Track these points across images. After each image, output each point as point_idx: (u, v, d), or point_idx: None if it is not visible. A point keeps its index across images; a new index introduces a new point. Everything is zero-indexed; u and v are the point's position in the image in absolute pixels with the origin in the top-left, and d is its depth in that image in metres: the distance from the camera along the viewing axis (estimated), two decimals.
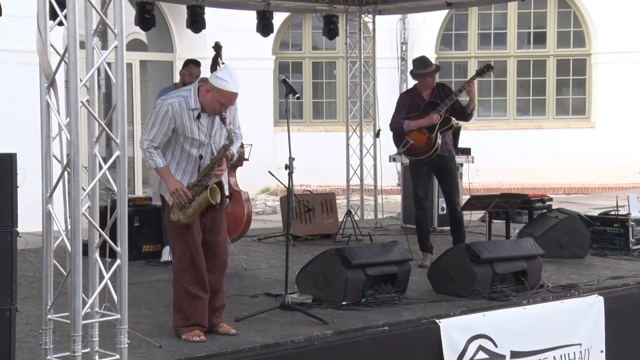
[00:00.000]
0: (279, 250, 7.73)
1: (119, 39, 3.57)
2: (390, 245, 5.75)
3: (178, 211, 4.45)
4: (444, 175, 7.00)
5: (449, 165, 6.97)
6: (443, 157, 6.92)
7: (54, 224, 3.65)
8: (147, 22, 8.41)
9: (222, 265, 4.63)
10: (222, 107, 4.42)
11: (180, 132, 4.43)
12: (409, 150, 6.92)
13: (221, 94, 4.38)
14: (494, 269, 5.67)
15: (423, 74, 6.85)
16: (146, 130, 4.47)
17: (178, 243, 4.53)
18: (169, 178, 4.45)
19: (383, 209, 10.31)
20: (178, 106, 4.41)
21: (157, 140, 4.43)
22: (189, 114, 4.42)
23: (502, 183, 14.00)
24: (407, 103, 6.96)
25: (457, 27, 14.82)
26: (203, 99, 4.43)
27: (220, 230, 4.63)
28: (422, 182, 6.96)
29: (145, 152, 4.46)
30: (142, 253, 7.21)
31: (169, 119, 4.40)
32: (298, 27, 14.64)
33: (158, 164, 4.43)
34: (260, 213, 12.26)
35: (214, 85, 4.39)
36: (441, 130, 6.86)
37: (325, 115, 14.85)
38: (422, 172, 6.96)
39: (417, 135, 6.88)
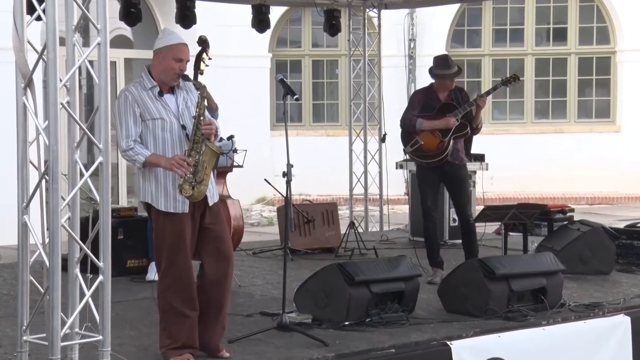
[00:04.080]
0: (276, 266, 7.72)
1: (102, 35, 3.58)
2: (397, 260, 5.75)
3: (188, 185, 4.40)
4: (454, 185, 7.01)
5: (460, 174, 6.98)
6: (453, 165, 6.93)
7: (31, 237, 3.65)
8: (133, 17, 8.43)
9: (229, 277, 4.60)
10: (181, 64, 4.51)
11: (147, 116, 4.47)
12: (417, 151, 6.93)
13: (171, 50, 4.50)
14: (511, 286, 5.66)
15: (443, 75, 6.87)
16: (118, 133, 4.48)
17: (164, 254, 4.50)
18: (159, 159, 4.44)
19: (389, 221, 10.31)
20: (134, 89, 4.50)
21: (132, 133, 4.44)
22: (149, 94, 4.50)
23: (519, 192, 14.00)
24: (421, 101, 6.98)
25: (470, 23, 14.85)
26: (157, 72, 4.53)
27: (224, 238, 4.60)
28: (430, 191, 6.96)
29: (127, 153, 4.45)
30: (127, 268, 7.20)
31: (131, 104, 4.45)
32: (297, 23, 14.67)
33: (145, 155, 4.42)
34: (256, 224, 12.26)
35: (159, 49, 4.52)
36: (455, 135, 6.88)
37: (326, 118, 14.86)
38: (430, 179, 6.97)
39: (428, 137, 6.90)
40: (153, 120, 4.47)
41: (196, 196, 4.43)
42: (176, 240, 4.47)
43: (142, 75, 4.57)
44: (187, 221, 4.50)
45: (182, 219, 4.48)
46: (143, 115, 4.46)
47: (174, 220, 4.47)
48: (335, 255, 8.18)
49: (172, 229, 4.47)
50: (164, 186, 4.48)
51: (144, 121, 4.46)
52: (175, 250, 4.46)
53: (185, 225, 4.49)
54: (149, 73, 4.56)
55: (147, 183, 4.51)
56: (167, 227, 4.48)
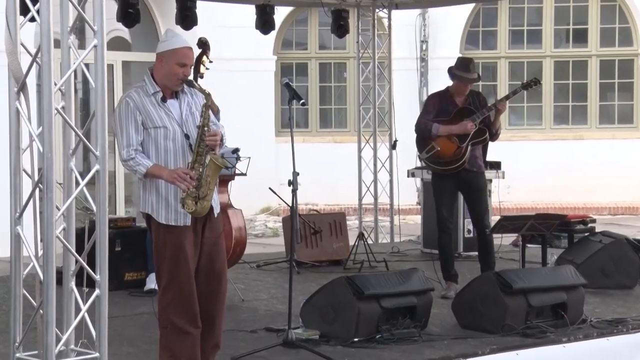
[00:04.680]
0: (281, 279, 7.72)
1: (99, 37, 3.59)
2: (408, 273, 5.74)
3: (191, 201, 4.40)
4: (471, 193, 7.00)
5: (478, 181, 6.98)
6: (471, 172, 6.92)
7: (24, 249, 3.65)
8: (131, 18, 8.46)
9: (222, 293, 4.61)
10: (184, 69, 4.50)
11: (149, 124, 4.46)
12: (433, 157, 6.93)
13: (174, 54, 4.49)
14: (529, 300, 5.65)
15: (460, 77, 6.86)
16: (118, 142, 4.48)
17: (165, 268, 4.50)
18: (161, 171, 4.43)
19: (400, 232, 10.29)
20: (136, 94, 4.49)
21: (134, 142, 4.43)
22: (151, 100, 4.49)
23: (537, 202, 13.97)
24: (436, 106, 6.99)
25: (485, 23, 14.85)
26: (160, 76, 4.52)
27: (218, 255, 4.61)
28: (446, 200, 6.95)
29: (128, 163, 4.45)
30: (125, 282, 7.21)
31: (132, 112, 4.44)
32: (303, 24, 14.70)
33: (147, 166, 4.41)
34: (260, 236, 12.26)
35: (162, 52, 4.51)
36: (473, 141, 6.88)
37: (334, 123, 14.87)
38: (446, 187, 6.96)
39: (445, 143, 6.90)
40: (155, 129, 4.47)
41: (199, 212, 4.44)
42: (177, 253, 4.47)
43: (145, 79, 4.56)
44: (189, 234, 4.50)
45: (183, 232, 4.48)
46: (145, 123, 4.46)
47: (175, 233, 4.47)
48: (344, 268, 8.17)
49: (173, 242, 4.47)
50: (165, 197, 4.48)
51: (146, 129, 4.46)
52: (177, 264, 4.47)
53: (186, 238, 4.48)
54: (152, 77, 4.55)
55: (147, 194, 4.51)
56: (168, 240, 4.48)
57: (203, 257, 4.55)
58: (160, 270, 4.55)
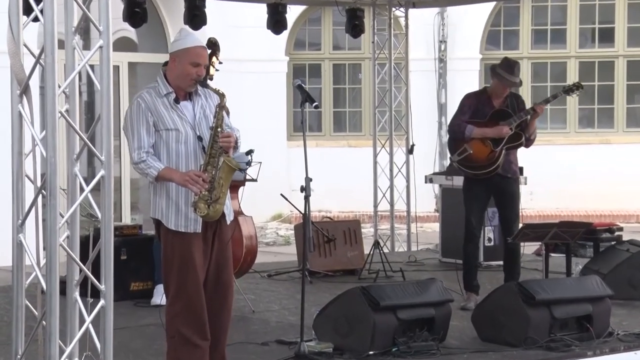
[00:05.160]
0: (294, 289, 7.73)
1: (105, 38, 3.61)
2: (426, 284, 5.74)
3: (203, 204, 4.42)
4: (503, 200, 6.99)
5: (512, 188, 6.97)
6: (506, 178, 6.91)
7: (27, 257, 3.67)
8: (138, 18, 8.49)
9: (227, 307, 4.62)
10: (198, 70, 4.52)
11: (161, 126, 4.49)
12: (465, 160, 6.92)
13: (187, 53, 4.51)
14: (552, 312, 5.63)
15: (501, 77, 6.82)
16: (130, 144, 4.51)
17: (173, 278, 4.51)
18: (173, 174, 4.45)
19: (417, 240, 10.28)
20: (148, 95, 4.52)
21: (145, 144, 4.46)
22: (163, 102, 4.52)
23: (561, 209, 13.93)
24: (472, 107, 6.97)
25: (507, 23, 14.83)
26: (173, 77, 4.55)
27: (226, 265, 4.62)
28: (476, 206, 6.95)
29: (139, 165, 4.48)
30: (131, 292, 7.23)
31: (144, 113, 4.48)
32: (316, 23, 14.72)
33: (158, 169, 4.44)
34: (271, 244, 12.27)
35: (175, 51, 4.54)
36: (508, 146, 6.86)
37: (349, 127, 14.88)
38: (477, 193, 6.95)
39: (478, 146, 6.88)
40: (167, 131, 4.49)
41: (212, 215, 4.45)
42: (186, 261, 4.48)
43: (158, 79, 4.60)
44: (198, 242, 4.51)
45: (192, 239, 4.49)
46: (157, 124, 4.49)
47: (184, 240, 4.48)
48: (359, 278, 8.17)
49: (182, 249, 4.48)
50: (176, 202, 4.50)
51: (158, 131, 4.49)
52: (185, 273, 4.47)
53: (195, 246, 4.50)
54: (164, 77, 4.58)
55: (157, 198, 4.53)
56: (177, 247, 4.49)
57: (211, 267, 4.56)
58: (168, 279, 4.56)
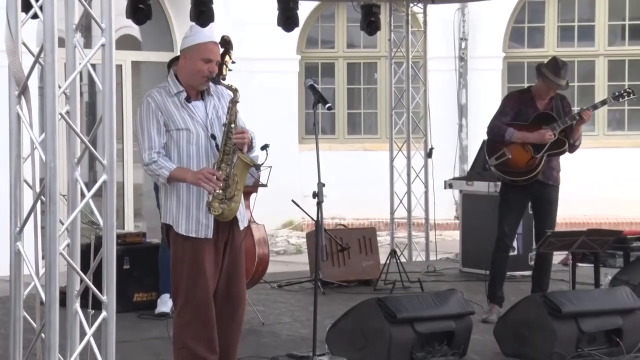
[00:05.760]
0: (305, 300, 7.74)
1: (107, 35, 3.62)
2: (446, 295, 5.74)
3: (217, 203, 4.44)
4: (541, 206, 6.99)
5: (552, 195, 6.96)
6: (546, 185, 6.91)
7: (25, 267, 3.68)
8: (142, 14, 8.52)
9: (238, 320, 4.63)
10: (210, 66, 4.57)
11: (172, 126, 4.53)
12: (503, 165, 6.90)
13: (198, 50, 4.57)
14: (580, 326, 5.62)
15: (550, 81, 6.77)
16: (140, 144, 4.54)
17: (182, 285, 4.53)
18: (185, 174, 4.48)
19: (436, 249, 10.28)
20: (158, 95, 4.57)
21: (156, 144, 4.51)
22: (174, 101, 4.56)
23: (589, 216, 13.88)
24: (514, 107, 6.93)
25: (531, 19, 14.80)
26: (184, 75, 4.60)
27: (237, 275, 4.63)
28: (512, 215, 6.94)
29: (150, 167, 4.50)
30: (134, 303, 7.25)
31: (154, 112, 4.53)
32: (329, 20, 14.74)
33: (170, 169, 4.47)
34: (282, 253, 12.28)
35: (186, 48, 4.60)
36: (550, 152, 6.84)
37: (364, 129, 14.88)
38: (513, 200, 6.94)
39: (518, 151, 6.86)
40: (178, 131, 4.53)
41: (226, 215, 4.46)
42: (196, 268, 4.49)
43: (168, 78, 4.65)
44: (210, 249, 4.52)
45: (203, 246, 4.50)
46: (167, 124, 4.54)
47: (195, 246, 4.49)
48: (374, 289, 8.19)
49: (192, 256, 4.49)
50: (187, 206, 4.51)
51: (168, 131, 4.54)
52: (195, 281, 4.48)
53: (206, 253, 4.51)
54: (175, 77, 4.62)
55: (168, 202, 4.56)
56: (187, 254, 4.50)
57: (222, 277, 4.57)
58: (177, 287, 4.57)
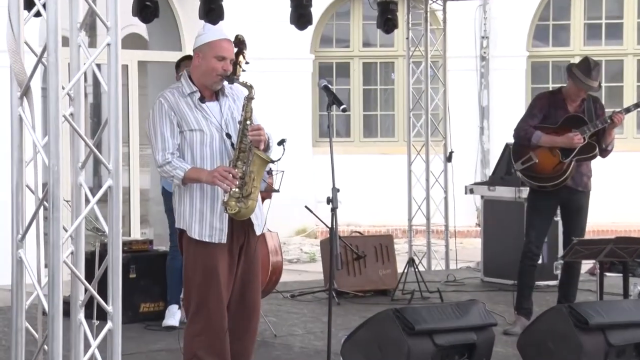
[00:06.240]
0: (319, 311, 7.72)
1: (113, 34, 3.63)
2: (466, 306, 5.72)
3: (234, 202, 4.46)
4: (570, 213, 6.98)
5: (581, 201, 6.94)
6: (576, 191, 6.88)
7: (27, 275, 3.69)
8: (149, 12, 8.54)
9: (251, 331, 4.63)
10: (224, 64, 4.61)
11: (185, 126, 4.57)
12: (529, 170, 6.88)
13: (212, 47, 4.61)
14: (608, 338, 5.60)
15: (580, 82, 6.72)
16: (153, 146, 4.57)
17: (194, 292, 4.54)
18: (200, 173, 4.52)
19: (457, 257, 10.25)
20: (171, 95, 4.62)
21: (169, 145, 4.55)
22: (187, 101, 4.61)
23: (617, 223, 13.82)
24: (543, 109, 6.89)
25: (556, 16, 14.77)
26: (198, 74, 4.64)
27: (252, 283, 4.63)
28: (539, 222, 6.92)
29: (164, 168, 4.53)
30: (140, 314, 7.26)
31: (167, 113, 4.57)
32: (344, 18, 14.74)
33: (184, 169, 4.50)
34: (295, 261, 12.27)
35: (199, 47, 4.64)
36: (579, 157, 6.80)
37: (380, 132, 14.87)
38: (541, 206, 6.92)
39: (545, 155, 6.83)
40: (191, 132, 4.57)
41: (243, 213, 4.48)
42: (209, 275, 4.50)
43: (182, 79, 4.70)
44: (224, 255, 4.53)
45: (217, 251, 4.51)
46: (180, 125, 4.57)
47: (209, 251, 4.50)
48: (391, 299, 8.18)
49: (205, 261, 4.50)
50: (200, 210, 4.53)
51: (182, 132, 4.58)
52: (207, 287, 4.49)
53: (220, 259, 4.51)
54: (189, 78, 4.66)
55: (181, 205, 4.59)
56: (200, 259, 4.51)
57: (236, 285, 4.58)
58: (189, 295, 4.59)
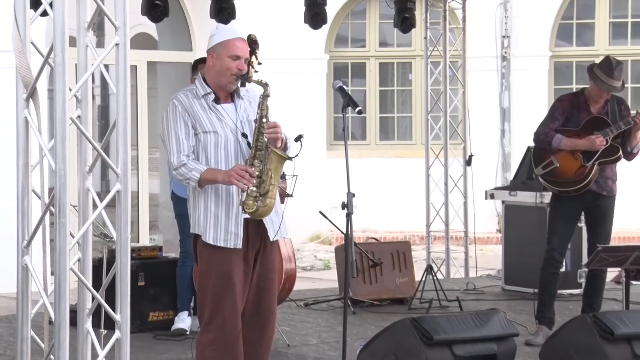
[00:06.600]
0: (334, 320, 7.72)
1: (122, 34, 3.64)
2: (487, 315, 5.71)
3: (252, 201, 4.49)
4: (594, 218, 6.97)
5: (606, 206, 6.92)
6: (600, 196, 6.86)
7: (33, 283, 3.70)
8: (159, 12, 8.56)
9: (267, 341, 4.64)
10: (239, 63, 4.64)
11: (199, 128, 4.61)
12: (551, 175, 6.87)
13: (226, 47, 4.64)
14: (634, 350, 5.59)
15: (602, 83, 6.71)
16: (168, 149, 4.61)
17: (208, 302, 4.54)
18: (217, 174, 4.54)
19: (477, 265, 10.22)
20: (185, 97, 4.66)
21: (185, 148, 4.58)
22: (201, 103, 4.64)
23: None
24: (565, 111, 6.88)
25: (581, 15, 14.74)
26: (212, 75, 4.68)
27: (269, 291, 4.64)
28: (562, 228, 6.90)
29: (180, 170, 4.55)
30: (149, 323, 7.26)
31: (181, 115, 4.61)
32: (360, 17, 14.74)
33: (200, 171, 4.53)
34: (309, 269, 12.27)
35: (213, 47, 4.67)
36: (602, 161, 6.78)
37: (397, 135, 14.86)
38: (564, 212, 6.90)
39: (566, 159, 6.82)
40: (205, 134, 4.59)
41: (261, 212, 4.50)
42: (224, 281, 4.51)
43: (196, 82, 4.74)
44: (239, 261, 4.54)
45: (232, 257, 4.51)
46: (194, 127, 4.61)
47: (223, 257, 4.51)
48: (409, 308, 8.16)
49: (220, 267, 4.51)
50: (215, 214, 4.55)
51: (196, 135, 4.61)
52: (222, 294, 4.50)
53: (235, 266, 4.52)
54: (203, 80, 4.71)
55: (196, 210, 4.61)
56: (214, 265, 4.52)
57: (251, 292, 4.59)
58: (203, 303, 4.60)
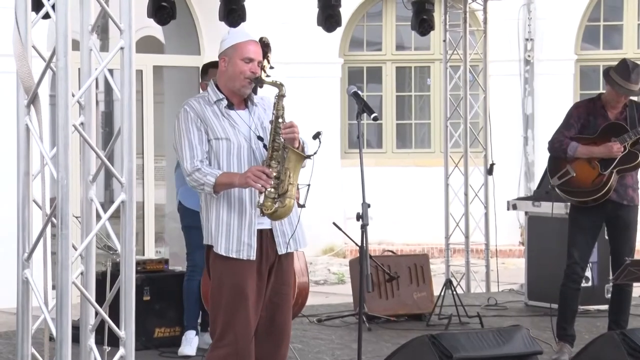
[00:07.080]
0: (348, 337, 7.72)
1: (126, 37, 3.65)
2: (509, 332, 5.70)
3: (270, 202, 4.51)
4: (616, 230, 6.95)
5: (628, 216, 6.89)
6: (621, 206, 6.84)
7: (33, 298, 3.70)
8: (165, 14, 8.58)
9: (280, 358, 4.64)
10: (252, 66, 4.67)
11: (211, 135, 4.64)
12: (567, 185, 6.85)
13: (238, 50, 4.68)
14: None
15: (619, 87, 6.69)
16: (180, 155, 4.64)
17: (219, 316, 4.55)
18: (232, 177, 4.56)
19: (498, 279, 10.21)
20: (196, 103, 4.70)
21: (198, 153, 4.61)
22: (213, 109, 4.68)
23: None
24: (581, 117, 6.87)
25: (607, 17, 14.72)
26: (224, 80, 4.71)
27: (283, 306, 4.64)
28: (580, 239, 6.88)
29: (194, 176, 4.57)
30: (155, 339, 7.27)
31: (193, 121, 4.64)
32: (376, 19, 14.75)
33: (215, 175, 4.55)
34: (322, 283, 12.27)
35: (224, 51, 4.72)
36: (620, 168, 6.76)
37: (415, 143, 14.86)
38: (584, 223, 6.88)
39: (583, 167, 6.80)
40: (217, 140, 4.62)
41: (280, 213, 4.51)
42: (236, 294, 4.51)
43: (208, 88, 4.78)
44: (252, 273, 4.54)
45: (245, 269, 4.51)
46: (207, 133, 4.64)
47: (236, 268, 4.51)
48: (427, 324, 8.16)
49: (232, 279, 4.51)
50: (227, 222, 4.55)
51: (208, 141, 4.64)
52: (234, 311, 4.50)
53: (249, 277, 4.52)
54: (215, 86, 4.74)
55: (208, 221, 4.62)
56: (226, 279, 4.52)
57: (265, 307, 4.59)
58: (214, 317, 4.61)
